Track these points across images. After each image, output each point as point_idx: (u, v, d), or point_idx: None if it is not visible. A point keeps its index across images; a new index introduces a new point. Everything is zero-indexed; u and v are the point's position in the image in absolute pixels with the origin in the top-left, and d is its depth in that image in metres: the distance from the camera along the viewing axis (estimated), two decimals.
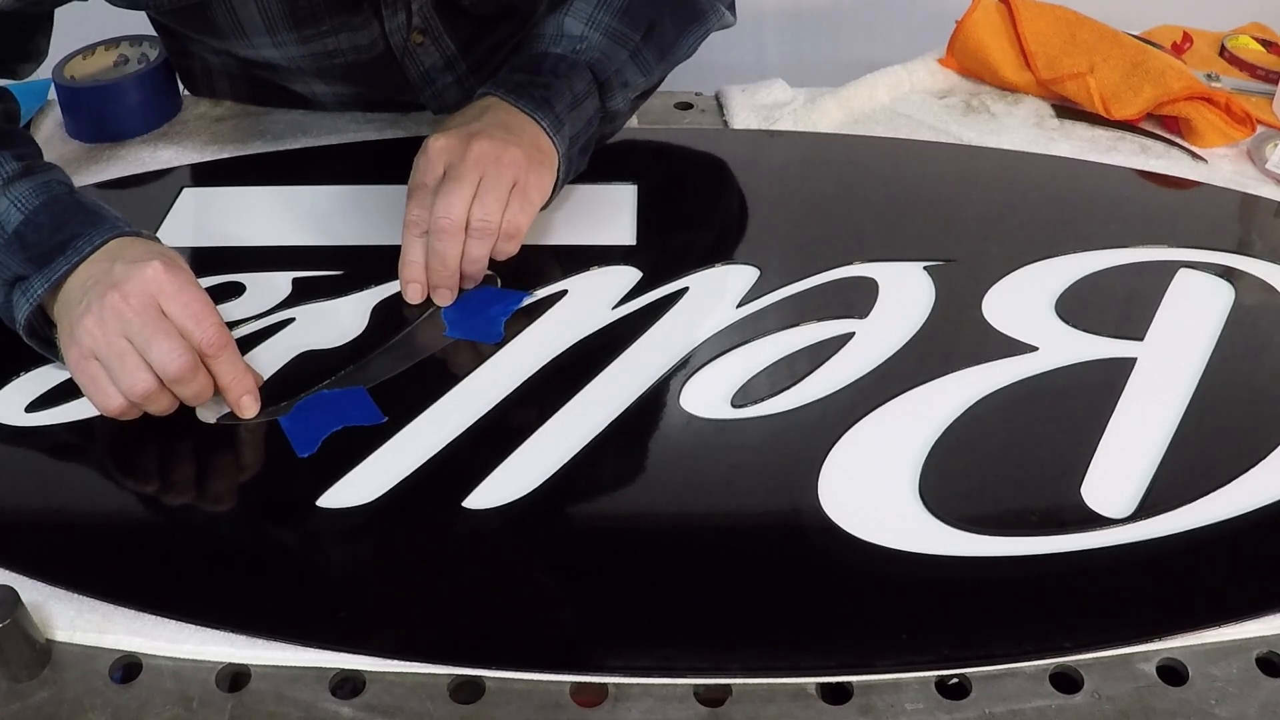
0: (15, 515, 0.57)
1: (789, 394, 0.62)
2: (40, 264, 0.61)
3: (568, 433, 0.60)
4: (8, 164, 0.63)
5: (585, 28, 0.73)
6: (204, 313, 0.60)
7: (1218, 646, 0.50)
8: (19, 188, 0.63)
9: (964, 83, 0.95)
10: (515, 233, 0.68)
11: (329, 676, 0.49)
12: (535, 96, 0.70)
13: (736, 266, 0.71)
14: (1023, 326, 0.66)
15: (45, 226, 0.62)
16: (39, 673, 0.49)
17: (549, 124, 0.70)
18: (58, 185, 0.64)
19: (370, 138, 0.87)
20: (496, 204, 0.66)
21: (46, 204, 0.63)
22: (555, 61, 0.72)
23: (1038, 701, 0.48)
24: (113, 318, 0.59)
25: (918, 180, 0.82)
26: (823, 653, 0.50)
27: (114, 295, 0.59)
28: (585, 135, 0.73)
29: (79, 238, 0.62)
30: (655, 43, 0.76)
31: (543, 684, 0.49)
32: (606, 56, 0.73)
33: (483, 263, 0.68)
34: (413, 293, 0.68)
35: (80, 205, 0.64)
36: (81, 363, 0.59)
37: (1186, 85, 0.85)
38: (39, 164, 0.66)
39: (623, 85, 0.74)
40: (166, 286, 0.59)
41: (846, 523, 0.55)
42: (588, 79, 0.72)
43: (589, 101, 0.72)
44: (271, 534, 0.56)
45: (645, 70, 0.75)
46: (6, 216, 0.62)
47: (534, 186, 0.68)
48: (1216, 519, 0.55)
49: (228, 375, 0.61)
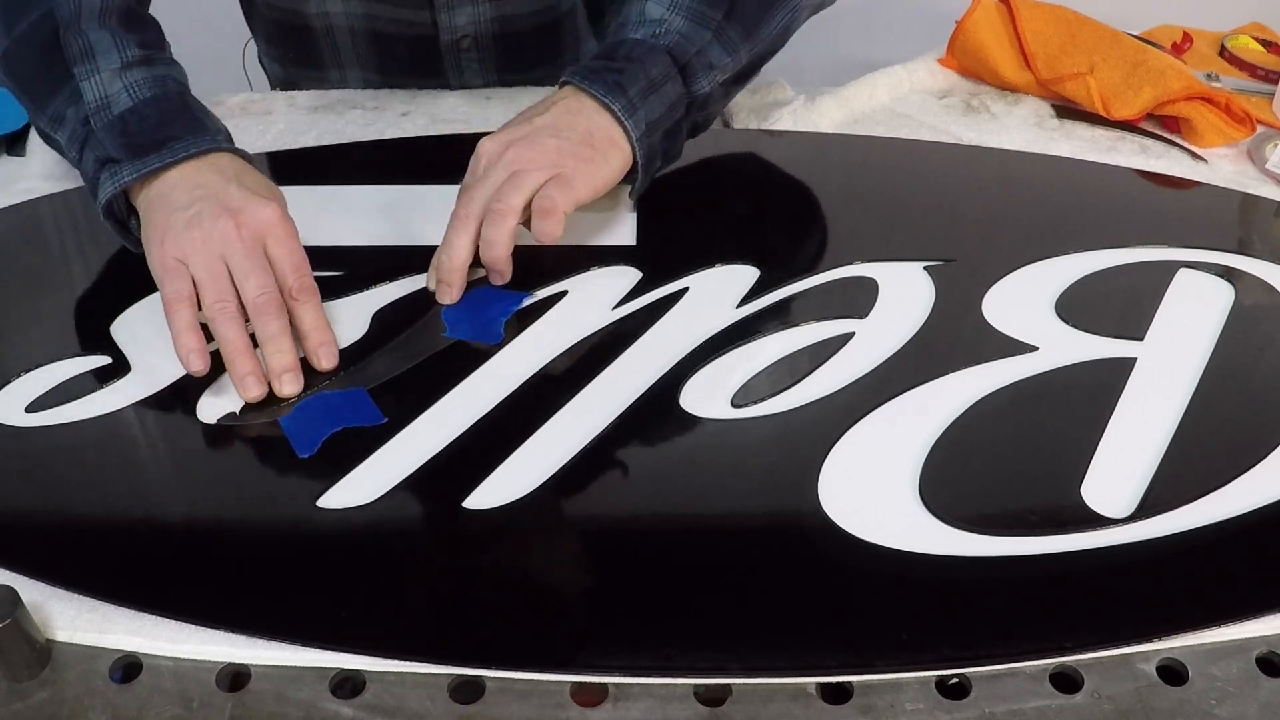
0: (15, 515, 0.57)
1: (789, 394, 0.62)
2: (135, 154, 0.65)
3: (568, 433, 0.60)
4: (129, 49, 0.68)
5: (666, 11, 0.73)
6: (303, 263, 0.65)
7: (1218, 646, 0.50)
8: (135, 74, 0.67)
9: (964, 83, 0.95)
10: (551, 208, 0.66)
11: (329, 676, 0.49)
12: (608, 81, 0.70)
13: (736, 266, 0.71)
14: (1023, 326, 0.66)
15: (149, 119, 0.66)
16: (39, 673, 0.49)
17: (621, 108, 0.69)
18: (172, 83, 0.69)
19: (370, 138, 0.87)
20: (517, 192, 0.66)
21: (156, 98, 0.67)
22: (632, 46, 0.72)
23: (1038, 701, 0.48)
24: (220, 240, 0.63)
25: (918, 180, 0.82)
26: (823, 653, 0.50)
27: (228, 222, 0.63)
28: (669, 121, 0.72)
29: (178, 140, 0.66)
30: (739, 20, 0.74)
31: (543, 684, 0.49)
32: (687, 39, 0.72)
33: (499, 246, 0.67)
34: (432, 279, 0.69)
35: (187, 109, 0.68)
36: (170, 263, 0.63)
37: (1186, 85, 0.85)
38: (159, 55, 0.70)
39: (707, 67, 0.73)
40: (278, 230, 0.64)
41: (846, 523, 0.55)
42: (665, 63, 0.71)
43: (669, 85, 0.71)
44: (271, 534, 0.56)
45: (731, 50, 0.74)
46: (117, 99, 0.67)
47: (580, 176, 0.68)
48: (1216, 519, 0.55)
49: (309, 322, 0.64)
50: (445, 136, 0.87)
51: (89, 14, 0.69)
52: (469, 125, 0.88)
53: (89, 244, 0.76)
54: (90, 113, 0.67)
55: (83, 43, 0.68)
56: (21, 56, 0.72)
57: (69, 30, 0.69)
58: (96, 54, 0.68)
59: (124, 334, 0.67)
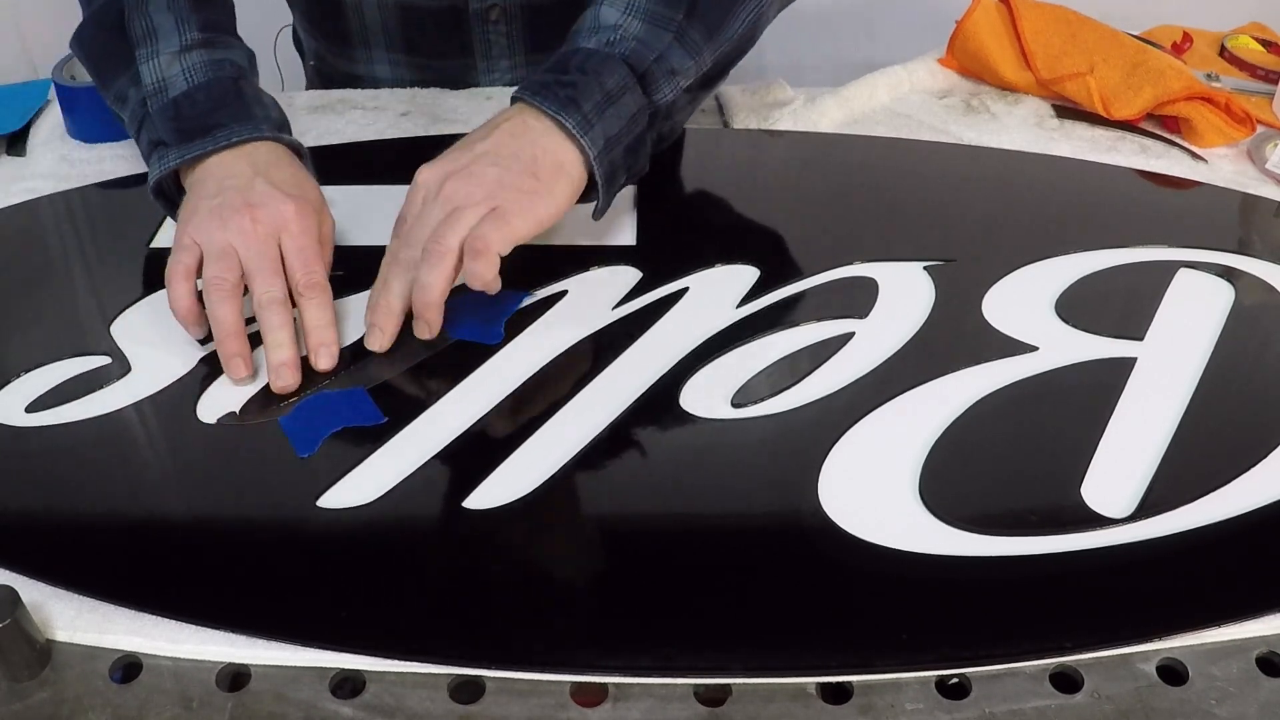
0: (15, 515, 0.57)
1: (789, 394, 0.62)
2: (182, 139, 0.68)
3: (568, 432, 0.60)
4: (190, 32, 0.70)
5: (622, 15, 0.69)
6: (314, 260, 0.65)
7: (1218, 646, 0.50)
8: (193, 57, 0.69)
9: (964, 83, 0.95)
10: (483, 249, 0.62)
11: (329, 676, 0.49)
12: (560, 96, 0.66)
13: (736, 266, 0.71)
14: (1023, 326, 0.66)
15: (201, 104, 0.68)
16: (39, 673, 0.49)
17: (575, 125, 0.66)
18: (229, 67, 0.71)
19: (370, 138, 0.87)
20: (453, 232, 0.63)
21: (209, 83, 0.69)
22: (585, 57, 0.68)
23: (1038, 701, 0.48)
24: (235, 233, 0.64)
25: (918, 180, 0.82)
26: (823, 653, 0.50)
27: (245, 216, 0.64)
28: (629, 135, 0.68)
29: (223, 128, 0.67)
30: (700, 20, 0.70)
31: (543, 684, 0.49)
32: (645, 44, 0.69)
33: (432, 290, 0.64)
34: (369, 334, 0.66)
35: (239, 95, 0.70)
36: (185, 240, 0.65)
37: (1186, 85, 0.85)
38: (221, 38, 0.72)
39: (669, 74, 0.70)
40: (293, 225, 0.65)
41: (846, 523, 0.55)
42: (622, 73, 0.68)
43: (627, 97, 0.68)
44: (271, 534, 0.56)
45: (693, 52, 0.70)
46: (173, 82, 0.69)
47: (518, 211, 0.64)
48: (1216, 519, 0.55)
49: (313, 319, 0.64)
50: (445, 136, 0.87)
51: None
52: (469, 125, 0.88)
53: (89, 244, 0.76)
54: (147, 95, 0.70)
55: (146, 25, 0.70)
56: (92, 35, 0.75)
57: (134, 10, 0.71)
58: (159, 36, 0.70)
59: (124, 334, 0.67)
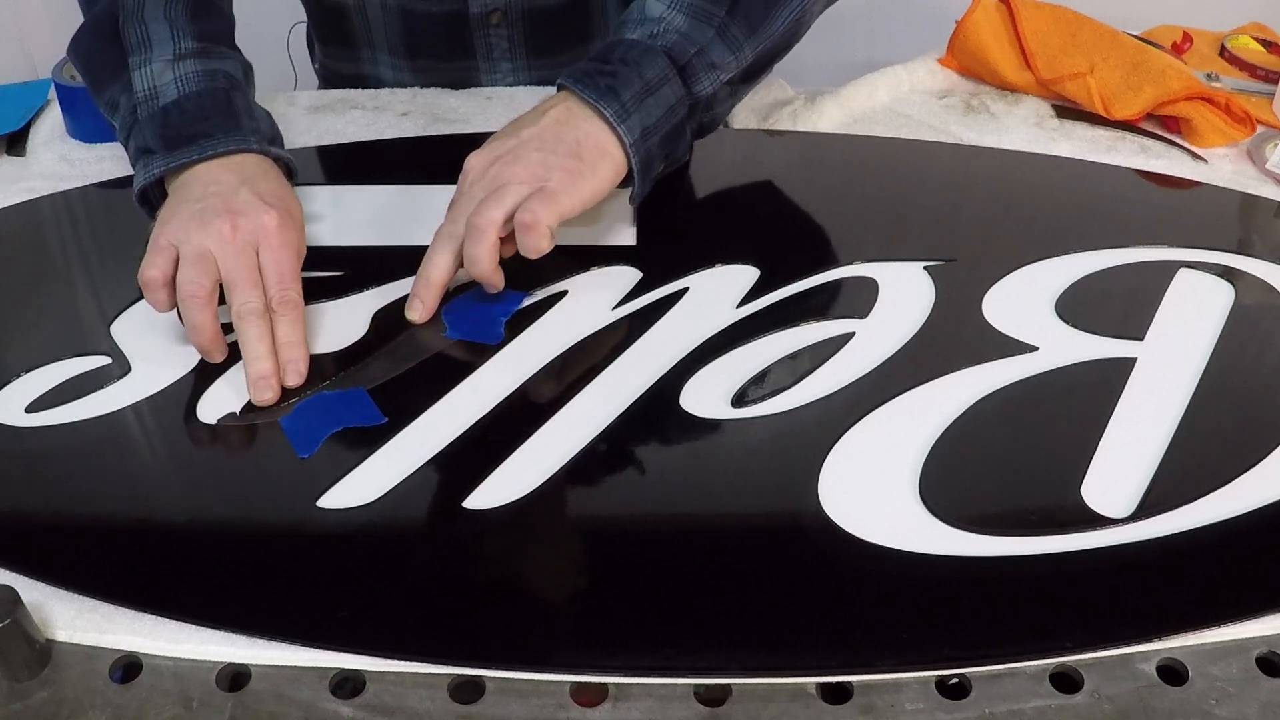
0: (15, 515, 0.57)
1: (789, 394, 0.62)
2: (168, 147, 0.68)
3: (568, 432, 0.60)
4: (185, 40, 0.70)
5: (667, 8, 0.71)
6: (290, 276, 0.65)
7: (1218, 646, 0.50)
8: (186, 66, 0.69)
9: (964, 83, 0.95)
10: (533, 222, 0.65)
11: (329, 676, 0.49)
12: (600, 86, 0.69)
13: (736, 266, 0.71)
14: (1023, 326, 0.66)
15: (190, 114, 0.68)
16: (39, 673, 0.49)
17: (613, 114, 0.68)
18: (222, 77, 0.71)
19: (370, 138, 0.87)
20: (497, 206, 0.66)
21: (200, 93, 0.69)
22: (628, 48, 0.70)
23: (1038, 701, 0.48)
24: (214, 239, 0.64)
25: (918, 180, 0.82)
26: (823, 653, 0.50)
27: (225, 223, 0.64)
28: (667, 124, 0.70)
29: (210, 138, 0.68)
30: (743, 16, 0.72)
31: (543, 684, 0.49)
32: (686, 38, 0.71)
33: (481, 263, 0.66)
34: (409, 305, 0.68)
35: (228, 106, 0.70)
36: (160, 243, 0.64)
37: (1186, 85, 0.85)
38: (216, 48, 0.72)
39: (709, 67, 0.71)
40: (272, 238, 0.65)
41: (846, 523, 0.55)
42: (663, 64, 0.70)
43: (667, 88, 0.70)
44: (271, 534, 0.56)
45: (734, 48, 0.72)
46: (164, 91, 0.69)
47: (564, 189, 0.66)
48: (1216, 519, 0.55)
49: (283, 335, 0.63)
50: (445, 136, 0.87)
51: (154, 2, 0.71)
52: (469, 125, 0.89)
53: (89, 244, 0.76)
54: (138, 102, 0.70)
55: (141, 32, 0.70)
56: (88, 42, 0.75)
57: (130, 20, 0.71)
58: (153, 44, 0.70)
59: (124, 334, 0.67)
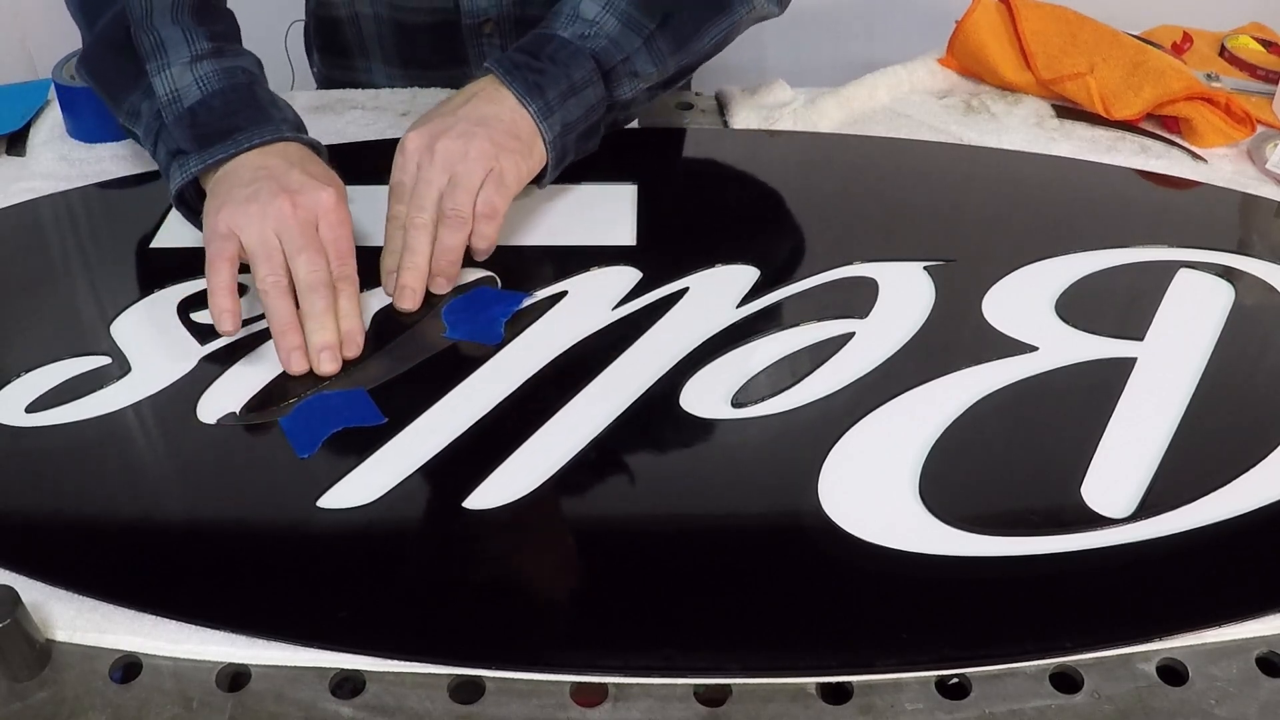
0: (15, 515, 0.57)
1: (789, 394, 0.62)
2: (201, 145, 0.68)
3: (568, 433, 0.60)
4: (199, 42, 0.70)
5: (601, 10, 0.72)
6: (349, 252, 0.66)
7: (1218, 646, 0.50)
8: (205, 66, 0.70)
9: (964, 83, 0.95)
10: (492, 213, 0.68)
11: (329, 676, 0.49)
12: (528, 80, 0.70)
13: (736, 266, 0.71)
14: (1023, 326, 0.66)
15: (217, 111, 0.68)
16: (39, 673, 0.49)
17: (537, 110, 0.70)
18: (241, 74, 0.71)
19: (370, 138, 0.87)
20: (467, 195, 0.67)
21: (224, 90, 0.69)
22: (559, 47, 0.72)
23: (1038, 701, 0.48)
24: (275, 217, 0.64)
25: (918, 180, 0.82)
26: (823, 653, 0.50)
27: (284, 201, 0.64)
28: (585, 123, 0.73)
29: (242, 131, 0.68)
30: (671, 33, 0.74)
31: (543, 684, 0.49)
32: (615, 44, 0.72)
33: (457, 252, 0.68)
34: (389, 283, 0.69)
35: (254, 100, 0.70)
36: (221, 228, 0.64)
37: (1186, 85, 0.85)
38: (229, 47, 0.72)
39: (632, 75, 0.74)
40: (331, 215, 0.65)
41: (846, 523, 0.55)
42: (589, 68, 0.72)
43: (590, 90, 0.72)
44: (271, 534, 0.56)
45: (658, 61, 0.74)
46: (187, 92, 0.69)
47: (509, 172, 0.68)
48: (1216, 519, 0.55)
49: (344, 308, 0.64)
50: None
51: (160, 10, 0.71)
52: None
53: (89, 244, 0.76)
54: (162, 106, 0.70)
55: (154, 39, 0.70)
56: (99, 55, 0.76)
57: (140, 28, 0.71)
58: (168, 49, 0.70)
59: (124, 334, 0.67)
